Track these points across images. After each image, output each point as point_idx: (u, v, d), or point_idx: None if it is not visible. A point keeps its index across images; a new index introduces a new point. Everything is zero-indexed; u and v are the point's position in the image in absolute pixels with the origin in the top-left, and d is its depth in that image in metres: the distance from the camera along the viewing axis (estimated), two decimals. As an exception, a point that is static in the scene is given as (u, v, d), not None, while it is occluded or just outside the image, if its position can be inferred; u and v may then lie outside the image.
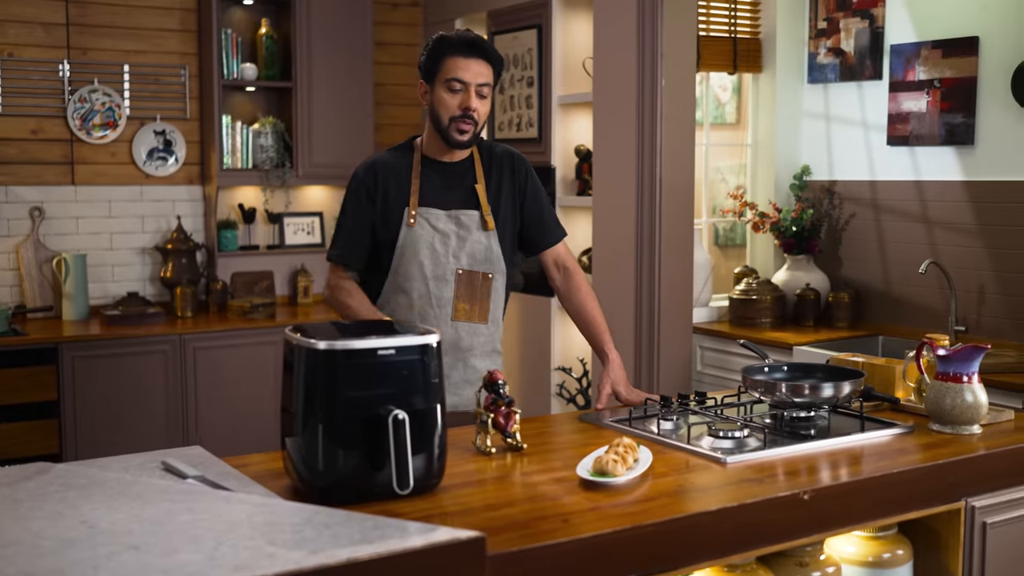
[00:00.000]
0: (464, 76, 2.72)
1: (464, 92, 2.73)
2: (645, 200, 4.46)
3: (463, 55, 2.73)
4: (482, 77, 2.75)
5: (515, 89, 5.32)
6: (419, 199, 2.80)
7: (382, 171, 2.82)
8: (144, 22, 5.33)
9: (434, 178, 2.84)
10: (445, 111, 2.75)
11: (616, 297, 4.61)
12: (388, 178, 2.80)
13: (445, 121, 2.75)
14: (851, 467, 2.24)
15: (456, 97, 2.74)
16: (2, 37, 5.03)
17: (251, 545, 1.64)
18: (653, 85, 4.40)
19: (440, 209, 2.81)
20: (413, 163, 2.84)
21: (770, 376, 2.70)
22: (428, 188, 2.82)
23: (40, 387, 4.66)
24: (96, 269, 5.28)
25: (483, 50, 2.76)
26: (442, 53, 2.75)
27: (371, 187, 2.80)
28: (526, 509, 1.94)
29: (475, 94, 2.74)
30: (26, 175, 5.13)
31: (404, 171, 2.82)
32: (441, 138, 2.79)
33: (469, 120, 2.75)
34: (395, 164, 2.83)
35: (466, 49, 2.74)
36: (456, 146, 2.78)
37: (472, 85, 2.73)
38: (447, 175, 2.85)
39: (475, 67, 2.73)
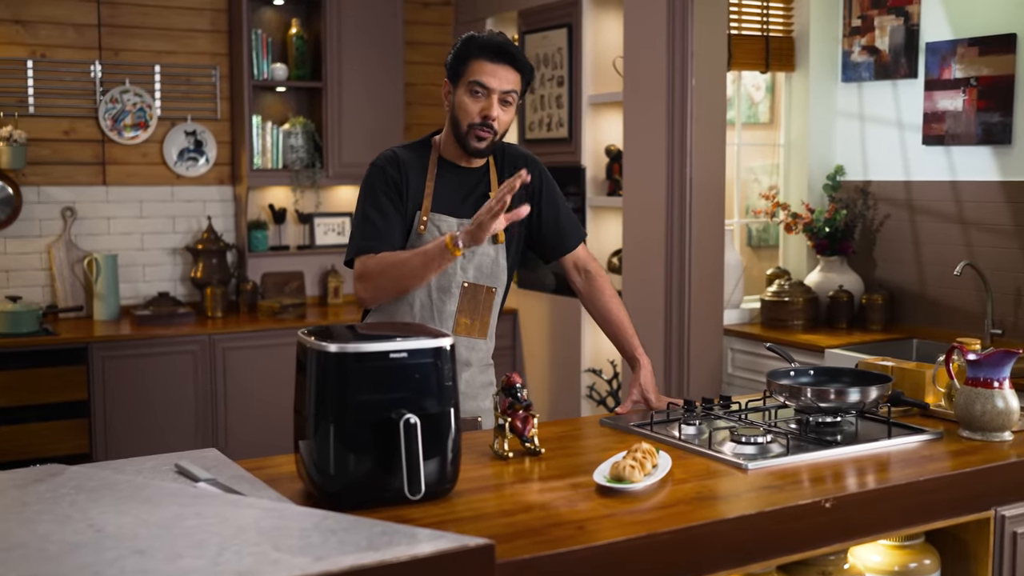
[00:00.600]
0: (489, 82, 2.59)
1: (486, 98, 2.60)
2: (675, 201, 4.41)
3: (490, 59, 2.59)
4: (508, 84, 2.60)
5: (545, 89, 5.28)
6: (432, 204, 2.68)
7: (405, 165, 2.68)
8: (175, 23, 5.35)
9: (449, 182, 2.71)
10: (465, 116, 2.62)
11: (646, 299, 4.57)
12: (410, 174, 2.67)
13: (464, 127, 2.62)
14: (876, 474, 2.19)
15: (478, 103, 2.60)
16: (34, 38, 5.06)
17: (256, 551, 1.61)
18: (683, 84, 4.35)
19: (452, 217, 2.69)
20: (429, 164, 2.73)
21: (795, 380, 2.64)
22: (442, 192, 2.70)
23: (70, 387, 4.68)
24: (127, 269, 5.30)
25: (511, 56, 2.61)
26: (469, 55, 2.62)
27: (397, 179, 2.65)
28: (540, 515, 1.90)
29: (498, 101, 2.60)
30: (58, 175, 5.16)
31: (421, 170, 2.71)
32: (458, 143, 2.68)
33: (488, 129, 2.61)
34: (414, 161, 2.71)
35: (493, 53, 2.60)
36: (472, 154, 2.66)
37: (496, 92, 2.59)
38: (462, 180, 2.73)
39: (501, 73, 2.59)
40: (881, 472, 2.21)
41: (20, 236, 5.09)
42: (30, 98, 5.06)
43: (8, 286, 5.07)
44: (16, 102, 5.04)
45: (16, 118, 5.02)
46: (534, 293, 5.47)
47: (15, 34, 5.02)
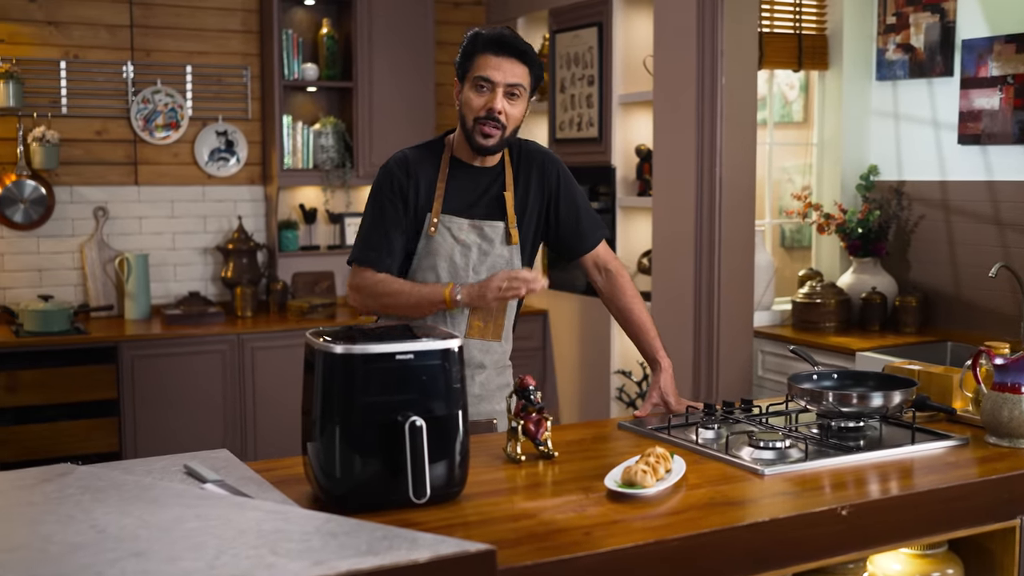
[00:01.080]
0: (492, 75, 2.54)
1: (491, 92, 2.55)
2: (705, 201, 4.36)
3: (493, 53, 2.55)
4: (513, 77, 2.55)
5: (576, 88, 5.25)
6: (443, 205, 2.64)
7: (414, 167, 2.64)
8: (207, 23, 5.37)
9: (461, 182, 2.67)
10: (469, 111, 2.57)
11: (675, 300, 4.52)
12: (419, 176, 2.64)
13: (470, 122, 2.58)
14: (896, 481, 2.14)
15: (482, 97, 2.55)
16: (67, 39, 5.10)
17: (253, 554, 1.60)
18: (713, 83, 4.30)
19: (464, 218, 2.65)
20: (441, 164, 2.69)
21: (818, 384, 2.59)
22: (454, 193, 2.66)
23: (100, 385, 4.71)
24: (158, 268, 5.33)
25: (516, 49, 2.57)
26: (473, 50, 2.59)
27: (404, 183, 2.62)
28: (547, 520, 1.87)
29: (503, 95, 2.55)
30: (90, 175, 5.20)
31: (431, 171, 2.66)
32: (467, 142, 2.62)
33: (494, 123, 2.55)
34: (425, 162, 2.67)
35: (497, 47, 2.56)
36: (479, 151, 2.60)
37: (500, 85, 2.54)
38: (475, 180, 2.68)
39: (506, 66, 2.55)
40: (902, 479, 2.15)
41: (53, 236, 5.13)
42: (63, 99, 5.10)
43: (41, 285, 5.11)
44: (49, 103, 5.08)
45: (49, 118, 5.06)
46: (564, 294, 5.44)
47: (48, 35, 5.06)
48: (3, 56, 4.94)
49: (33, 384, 4.60)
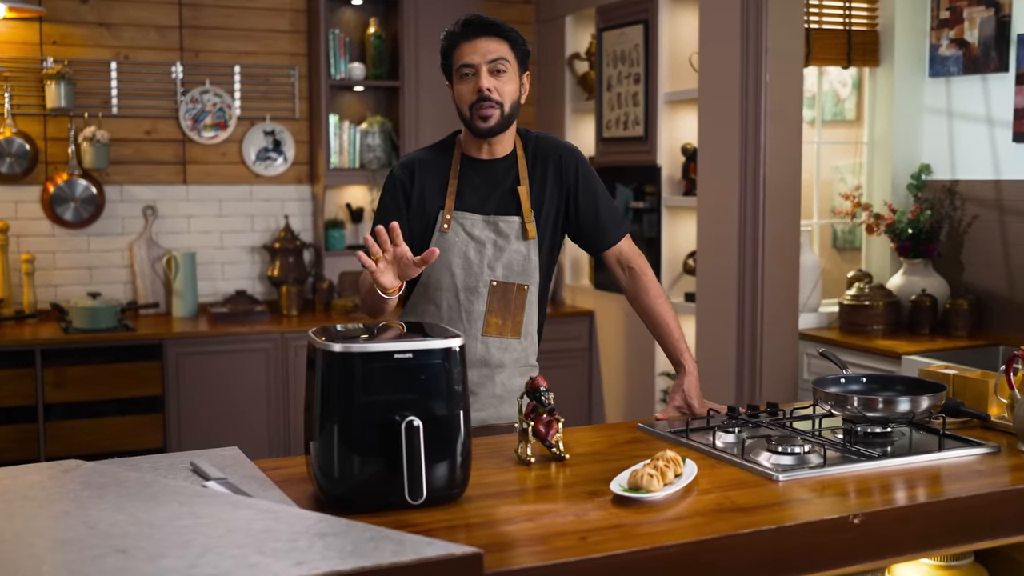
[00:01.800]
0: (470, 59, 2.51)
1: (475, 75, 2.52)
2: (748, 200, 4.29)
3: (465, 39, 2.53)
4: (492, 53, 2.51)
5: (622, 86, 5.19)
6: (455, 202, 2.61)
7: (419, 170, 2.63)
8: (255, 23, 5.41)
9: (473, 179, 2.64)
10: (462, 102, 2.55)
11: (719, 302, 4.45)
12: (425, 177, 2.62)
13: (466, 113, 2.55)
14: (916, 489, 2.06)
15: (468, 83, 2.53)
16: (118, 40, 5.17)
17: (238, 553, 1.58)
18: (757, 80, 4.22)
19: (477, 214, 2.61)
20: (452, 162, 2.66)
21: (845, 388, 2.52)
22: (466, 190, 2.63)
23: (146, 382, 4.77)
24: (206, 267, 5.38)
25: (485, 25, 2.54)
26: (449, 47, 2.58)
27: (407, 187, 2.61)
28: (547, 524, 1.83)
29: (488, 73, 2.51)
30: (140, 175, 5.26)
31: (442, 170, 2.64)
32: (470, 132, 2.60)
33: (488, 102, 2.51)
34: (433, 163, 2.65)
35: (467, 31, 2.53)
36: (482, 134, 2.56)
37: (482, 65, 2.51)
38: (487, 175, 2.64)
39: (481, 45, 2.51)
40: (923, 487, 2.07)
41: (103, 234, 5.20)
42: (113, 99, 5.17)
43: (91, 283, 5.19)
44: (100, 103, 5.15)
45: (100, 118, 5.13)
46: (611, 294, 5.38)
47: (100, 36, 5.13)
48: (56, 57, 5.03)
49: (81, 380, 4.66)
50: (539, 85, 6.02)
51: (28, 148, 4.99)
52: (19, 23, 4.97)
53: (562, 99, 5.78)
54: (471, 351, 2.59)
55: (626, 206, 5.18)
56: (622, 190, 5.20)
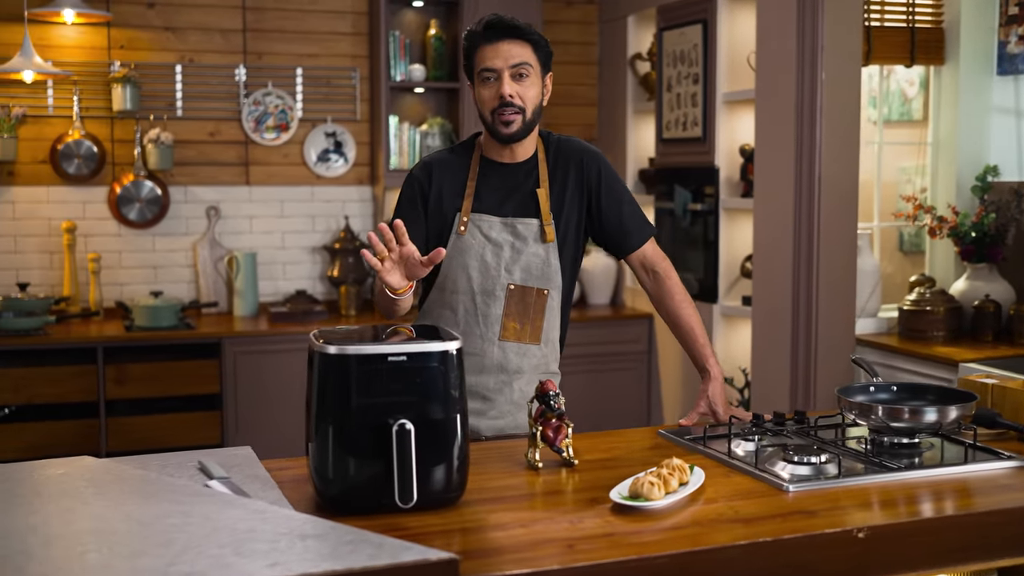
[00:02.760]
0: (493, 63, 2.48)
1: (497, 80, 2.49)
2: (803, 203, 4.20)
3: (488, 41, 2.49)
4: (514, 58, 2.48)
5: (681, 87, 5.12)
6: (473, 204, 2.58)
7: (437, 171, 2.61)
8: (317, 26, 5.47)
9: (492, 181, 2.61)
10: (484, 106, 2.53)
11: (773, 306, 4.36)
12: (443, 179, 2.60)
13: (488, 117, 2.53)
14: (931, 503, 1.99)
15: (491, 88, 2.50)
16: (183, 44, 5.27)
17: (216, 553, 1.59)
18: (813, 80, 4.13)
19: (495, 216, 2.58)
20: (471, 163, 2.64)
21: (872, 397, 2.44)
22: (484, 192, 2.60)
23: (205, 380, 4.85)
24: (268, 267, 5.45)
25: (508, 28, 2.49)
26: (471, 48, 2.54)
27: (425, 187, 2.59)
28: (539, 531, 1.81)
29: (510, 78, 2.49)
30: (203, 176, 5.35)
31: (460, 172, 2.62)
32: (491, 136, 2.57)
33: (511, 108, 2.49)
34: (452, 164, 2.63)
35: (490, 33, 2.50)
36: (503, 140, 2.54)
37: (504, 70, 2.48)
38: (507, 177, 2.61)
39: (504, 49, 2.48)
40: (939, 501, 2.00)
41: (167, 234, 5.31)
42: (178, 101, 5.27)
43: (156, 281, 5.30)
44: (165, 105, 5.26)
45: (165, 120, 5.24)
46: (669, 297, 5.31)
47: (166, 40, 5.24)
48: (122, 61, 5.14)
49: (141, 377, 4.76)
50: (601, 86, 5.97)
51: (96, 150, 5.12)
52: (88, 28, 5.10)
53: (624, 100, 5.73)
54: (488, 356, 2.56)
55: (684, 208, 5.11)
56: (680, 191, 5.14)
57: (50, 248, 5.14)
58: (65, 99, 5.10)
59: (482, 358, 2.56)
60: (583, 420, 5.41)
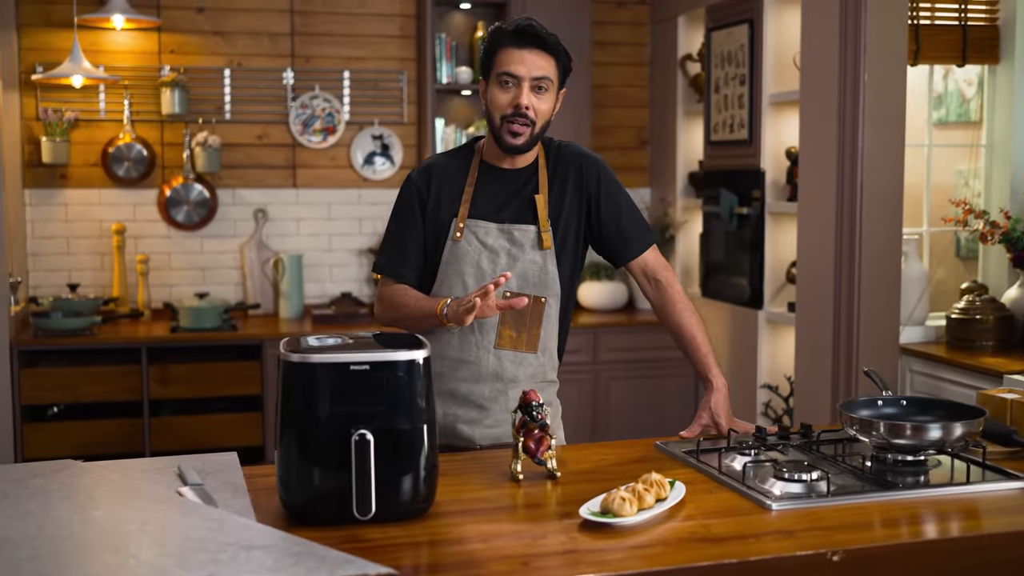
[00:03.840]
0: (516, 69, 2.44)
1: (516, 87, 2.45)
2: (845, 206, 4.07)
3: (515, 45, 2.45)
4: (538, 70, 2.44)
5: (728, 88, 5.02)
6: (470, 210, 2.54)
7: (436, 176, 2.57)
8: (365, 29, 5.48)
9: (491, 186, 2.56)
10: (496, 109, 2.47)
11: (816, 313, 4.25)
12: (441, 184, 2.56)
13: (497, 121, 2.48)
14: (922, 525, 1.89)
15: (507, 93, 2.45)
16: (232, 48, 5.32)
17: (160, 563, 1.58)
18: (856, 80, 4.00)
19: (492, 222, 2.54)
20: (470, 168, 2.59)
21: (877, 412, 2.35)
22: (482, 198, 2.55)
23: (247, 381, 4.89)
24: (314, 269, 5.48)
25: (539, 39, 2.46)
26: (495, 45, 2.49)
27: (424, 193, 2.55)
28: (499, 546, 1.77)
29: (529, 89, 2.44)
30: (251, 178, 5.40)
31: (459, 177, 2.57)
32: (496, 142, 2.52)
33: (523, 120, 2.44)
34: (451, 169, 2.59)
35: (518, 39, 2.45)
36: (508, 150, 2.49)
37: (526, 80, 2.44)
38: (506, 183, 2.57)
39: (529, 59, 2.44)
40: (928, 523, 1.91)
41: (215, 236, 5.37)
42: (227, 105, 5.33)
43: (204, 283, 5.36)
44: (214, 109, 5.32)
45: (213, 124, 5.30)
46: (715, 303, 5.21)
47: (215, 45, 5.30)
48: (172, 65, 5.21)
49: (184, 378, 4.82)
50: (652, 87, 5.89)
51: (146, 153, 5.20)
52: (139, 33, 5.18)
53: (674, 101, 5.64)
54: (483, 364, 2.52)
55: (730, 212, 5.01)
56: (726, 195, 5.03)
57: (101, 250, 5.23)
58: (116, 103, 5.18)
59: (478, 366, 2.52)
60: (630, 427, 5.37)
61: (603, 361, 5.27)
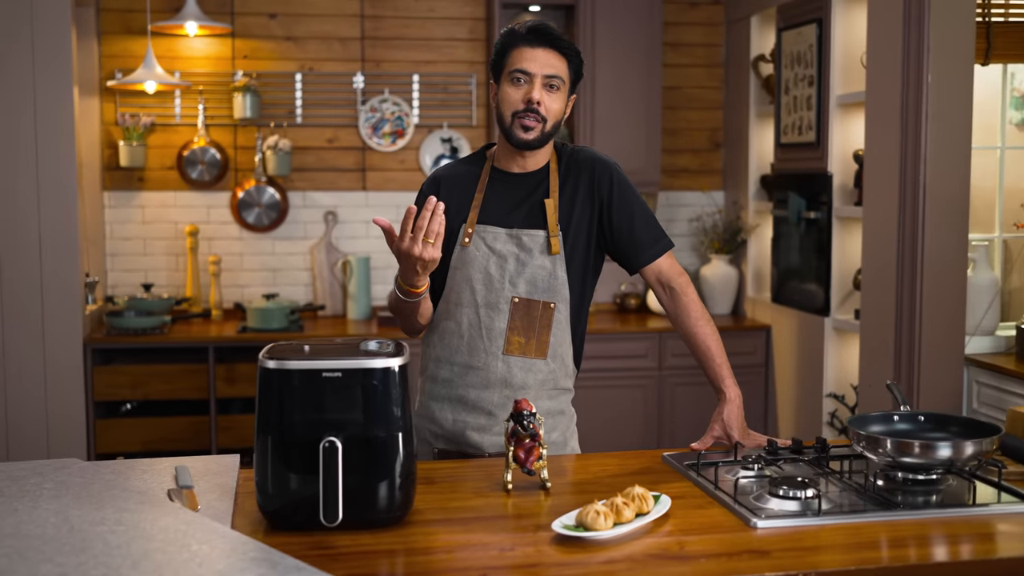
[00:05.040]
0: (529, 67, 2.43)
1: (528, 84, 2.44)
2: (907, 212, 3.94)
3: (528, 44, 2.44)
4: (550, 68, 2.44)
5: (797, 89, 4.90)
6: (480, 215, 2.53)
7: (446, 183, 2.57)
8: (435, 33, 5.51)
9: (500, 191, 2.55)
10: (507, 107, 2.46)
11: (879, 321, 4.12)
12: (451, 191, 2.55)
13: (508, 118, 2.46)
14: (903, 549, 1.81)
15: (519, 89, 2.44)
16: (303, 53, 5.41)
17: (112, 563, 1.61)
18: (919, 80, 3.87)
19: (500, 227, 2.52)
20: (481, 174, 2.58)
21: (890, 428, 2.26)
22: (492, 203, 2.54)
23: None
24: (384, 271, 5.53)
25: (550, 38, 2.45)
26: (508, 45, 2.48)
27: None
28: (463, 557, 1.75)
29: (541, 86, 2.44)
30: (322, 181, 5.48)
31: (469, 183, 2.57)
32: (506, 139, 2.51)
33: (534, 115, 2.43)
34: (462, 176, 2.58)
35: (531, 38, 2.45)
36: (520, 146, 2.47)
37: (538, 76, 2.43)
38: (516, 188, 2.55)
39: (542, 57, 2.44)
40: (914, 547, 1.83)
41: (286, 238, 5.46)
42: (298, 109, 5.42)
43: (275, 284, 5.46)
44: (286, 113, 5.41)
45: (285, 127, 5.39)
46: (787, 309, 5.10)
47: (286, 50, 5.39)
48: (245, 71, 5.32)
49: (249, 377, 4.91)
50: (727, 89, 5.79)
51: (219, 157, 5.32)
52: (213, 39, 5.30)
53: (746, 103, 5.53)
54: (492, 371, 2.50)
55: (798, 216, 4.89)
56: (794, 199, 4.92)
57: (176, 251, 5.37)
58: (191, 108, 5.32)
59: (486, 372, 2.50)
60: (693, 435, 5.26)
61: (668, 367, 5.19)
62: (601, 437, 4.98)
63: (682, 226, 5.83)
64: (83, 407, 4.64)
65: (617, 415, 5.09)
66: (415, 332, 2.63)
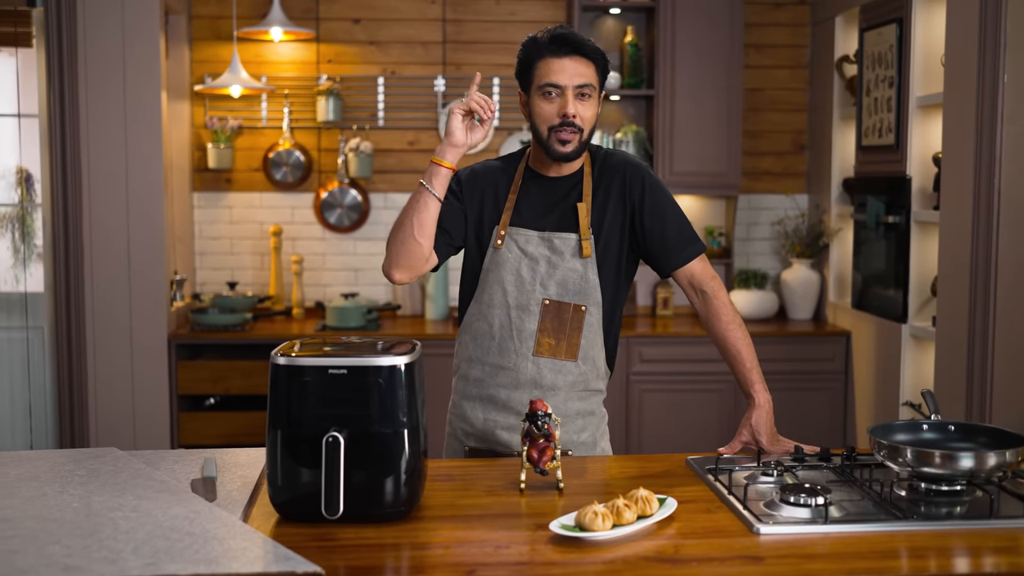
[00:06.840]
0: (559, 79, 2.43)
1: (561, 97, 2.44)
2: (982, 217, 3.83)
3: (554, 55, 2.45)
4: (580, 78, 2.44)
5: (878, 91, 4.80)
6: (513, 217, 2.55)
7: (481, 180, 2.59)
8: (515, 36, 5.55)
9: (534, 194, 2.56)
10: (542, 121, 2.47)
11: (953, 329, 4.01)
12: (486, 190, 2.57)
13: (544, 133, 2.47)
14: (898, 560, 1.78)
15: (553, 104, 2.45)
16: (386, 57, 5.51)
17: (114, 547, 1.69)
18: (995, 81, 3.76)
19: (533, 230, 2.54)
20: (516, 176, 2.60)
21: (917, 437, 2.21)
22: (525, 205, 2.56)
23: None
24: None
25: (576, 45, 2.45)
26: (533, 56, 2.49)
27: (458, 190, 2.57)
28: (459, 553, 1.78)
29: (574, 97, 2.43)
30: (403, 183, 5.57)
31: (504, 184, 2.58)
32: (545, 152, 2.51)
33: (571, 128, 2.44)
34: (497, 175, 2.60)
35: (556, 47, 2.45)
36: (558, 158, 2.49)
37: (569, 88, 2.43)
38: (550, 191, 2.56)
39: (570, 67, 2.44)
40: (910, 558, 1.79)
41: (367, 238, 5.57)
42: (380, 112, 5.52)
43: (356, 283, 5.57)
44: (368, 116, 5.52)
45: (367, 130, 5.50)
46: (867, 315, 4.99)
47: (370, 54, 5.50)
48: (328, 75, 5.45)
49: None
50: (812, 91, 5.70)
51: (303, 159, 5.45)
52: (298, 44, 5.44)
53: (831, 105, 5.43)
54: (522, 371, 2.53)
55: (876, 220, 4.79)
56: (872, 202, 4.81)
57: (260, 250, 5.53)
58: (277, 111, 5.46)
59: (516, 373, 2.53)
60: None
61: (744, 372, 5.12)
62: (675, 440, 4.95)
63: (764, 229, 5.76)
64: (167, 401, 4.81)
65: (692, 419, 5.05)
66: (406, 256, 2.53)
